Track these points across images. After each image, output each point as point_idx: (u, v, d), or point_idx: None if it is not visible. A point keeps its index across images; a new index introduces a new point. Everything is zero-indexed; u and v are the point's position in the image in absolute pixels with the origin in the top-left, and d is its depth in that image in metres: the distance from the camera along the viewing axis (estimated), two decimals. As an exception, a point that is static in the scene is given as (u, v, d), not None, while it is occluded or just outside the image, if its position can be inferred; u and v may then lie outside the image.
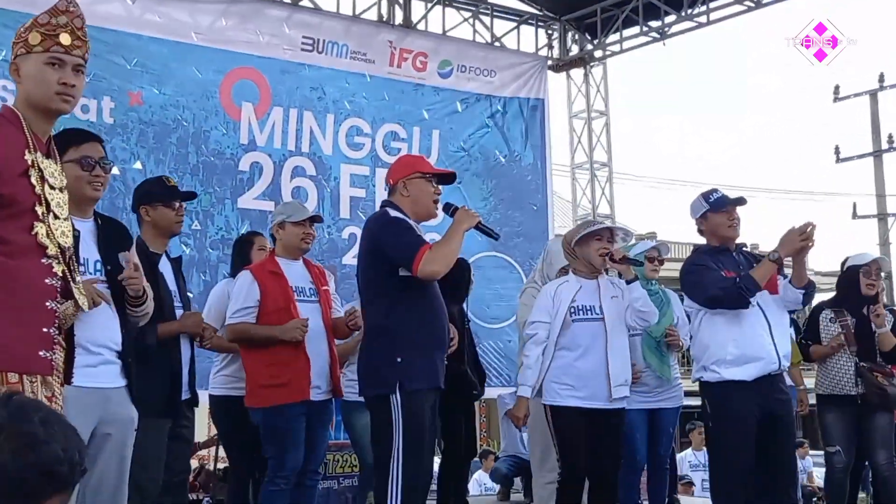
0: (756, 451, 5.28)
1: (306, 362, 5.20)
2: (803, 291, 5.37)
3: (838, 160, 22.47)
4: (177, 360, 4.76)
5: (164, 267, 4.89)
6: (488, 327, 10.27)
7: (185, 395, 4.83)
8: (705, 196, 5.42)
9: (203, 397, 6.45)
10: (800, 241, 5.15)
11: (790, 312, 5.88)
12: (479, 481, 12.94)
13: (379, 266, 4.51)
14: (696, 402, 6.24)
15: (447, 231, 4.53)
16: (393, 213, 4.57)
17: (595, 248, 5.30)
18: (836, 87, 22.05)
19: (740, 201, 5.39)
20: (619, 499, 6.58)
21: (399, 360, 4.39)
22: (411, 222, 4.55)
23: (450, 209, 4.65)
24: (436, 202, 4.64)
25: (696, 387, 5.95)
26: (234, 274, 5.99)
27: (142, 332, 4.46)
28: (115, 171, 8.56)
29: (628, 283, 5.32)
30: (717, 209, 5.37)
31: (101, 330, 3.61)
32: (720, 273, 5.26)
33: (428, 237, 4.73)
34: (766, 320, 5.28)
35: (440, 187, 4.71)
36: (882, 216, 22.03)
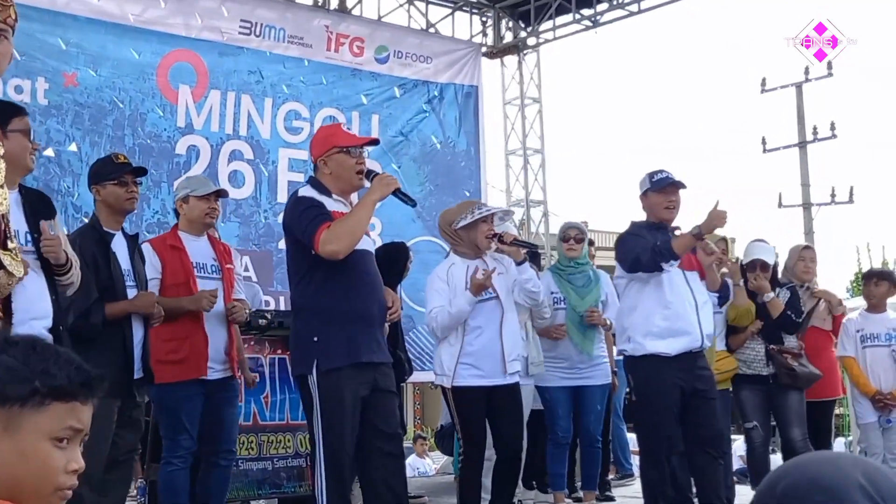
0: (683, 425, 5.45)
1: (204, 339, 5.14)
2: (717, 294, 5.59)
3: (765, 150, 22.93)
4: (129, 339, 4.70)
5: (119, 245, 4.83)
6: (423, 311, 10.31)
7: (138, 374, 4.78)
8: (651, 174, 5.55)
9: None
10: (718, 221, 5.27)
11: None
12: (413, 465, 13.08)
13: (295, 245, 4.50)
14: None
15: (355, 204, 4.46)
16: (303, 191, 4.50)
17: (483, 230, 5.38)
18: (763, 80, 22.48)
19: (679, 184, 5.51)
20: (547, 473, 6.75)
21: (315, 339, 4.35)
22: (323, 199, 4.44)
23: (370, 175, 4.55)
24: (360, 172, 4.53)
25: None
26: None
27: (87, 310, 4.48)
28: (49, 153, 8.51)
29: (518, 264, 5.41)
30: (657, 188, 5.49)
31: (31, 302, 3.59)
32: (646, 239, 5.38)
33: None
34: (693, 298, 5.42)
35: (364, 153, 4.63)
36: (807, 205, 22.46)
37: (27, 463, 1.53)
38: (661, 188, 5.47)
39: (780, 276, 6.92)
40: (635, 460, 8.79)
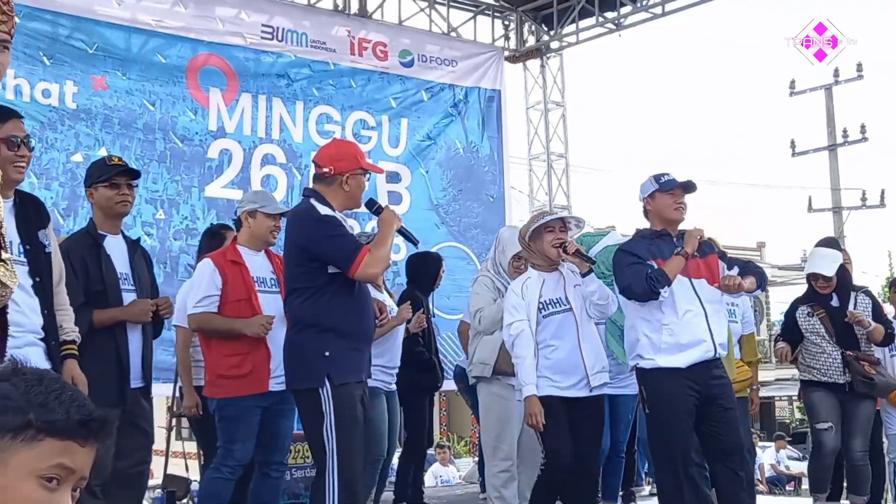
0: (701, 436, 5.27)
1: (267, 353, 5.08)
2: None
3: (794, 154, 22.72)
4: (123, 347, 4.60)
5: (116, 248, 4.75)
6: (447, 318, 10.21)
7: (137, 384, 4.70)
8: (656, 177, 5.40)
9: (162, 389, 6.44)
10: (696, 239, 5.21)
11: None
12: (435, 474, 13.07)
13: (307, 261, 4.47)
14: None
15: (379, 233, 4.58)
16: (322, 209, 4.49)
17: (548, 240, 5.29)
18: (792, 82, 22.26)
19: (689, 186, 5.37)
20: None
21: (327, 354, 4.38)
22: (338, 216, 4.53)
23: (373, 206, 4.69)
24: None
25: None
26: None
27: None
28: (77, 157, 8.49)
29: (583, 276, 5.30)
30: (665, 190, 5.34)
31: (21, 316, 3.49)
32: (642, 264, 5.21)
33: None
34: (702, 308, 5.24)
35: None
36: (837, 209, 22.28)
37: (7, 499, 1.44)
38: (669, 189, 5.34)
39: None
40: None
